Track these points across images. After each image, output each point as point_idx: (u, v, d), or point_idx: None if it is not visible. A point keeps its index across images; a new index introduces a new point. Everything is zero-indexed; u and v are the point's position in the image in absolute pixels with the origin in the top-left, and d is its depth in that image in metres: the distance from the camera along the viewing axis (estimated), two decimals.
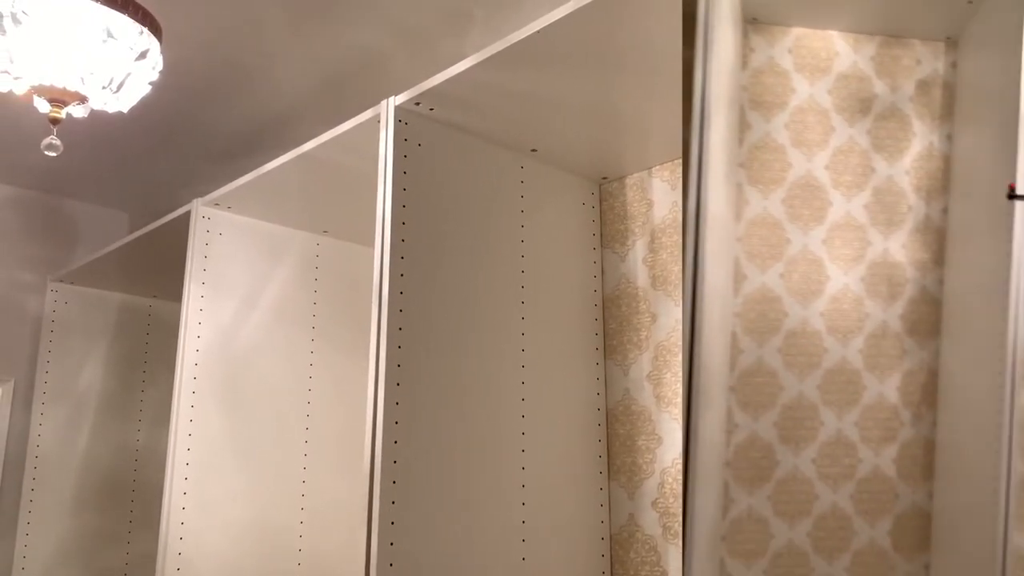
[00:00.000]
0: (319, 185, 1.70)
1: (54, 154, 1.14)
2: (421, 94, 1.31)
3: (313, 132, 1.67)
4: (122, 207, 2.70)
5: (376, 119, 1.39)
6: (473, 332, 1.37)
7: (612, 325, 1.57)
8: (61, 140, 1.97)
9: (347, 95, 1.93)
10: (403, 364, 1.27)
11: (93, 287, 2.49)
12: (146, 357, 2.56)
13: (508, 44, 1.18)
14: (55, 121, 1.12)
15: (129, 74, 1.13)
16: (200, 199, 1.80)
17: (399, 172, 1.33)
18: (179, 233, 1.96)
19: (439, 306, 1.33)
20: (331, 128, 1.51)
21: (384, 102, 1.36)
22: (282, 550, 1.78)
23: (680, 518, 1.39)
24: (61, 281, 2.43)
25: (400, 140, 1.34)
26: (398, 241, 1.30)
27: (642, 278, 1.54)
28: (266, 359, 1.84)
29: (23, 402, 2.37)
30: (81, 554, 2.36)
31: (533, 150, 1.49)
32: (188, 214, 1.83)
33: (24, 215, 2.50)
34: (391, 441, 1.23)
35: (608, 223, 1.62)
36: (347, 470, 1.92)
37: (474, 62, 1.22)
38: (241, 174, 1.68)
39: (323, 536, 1.85)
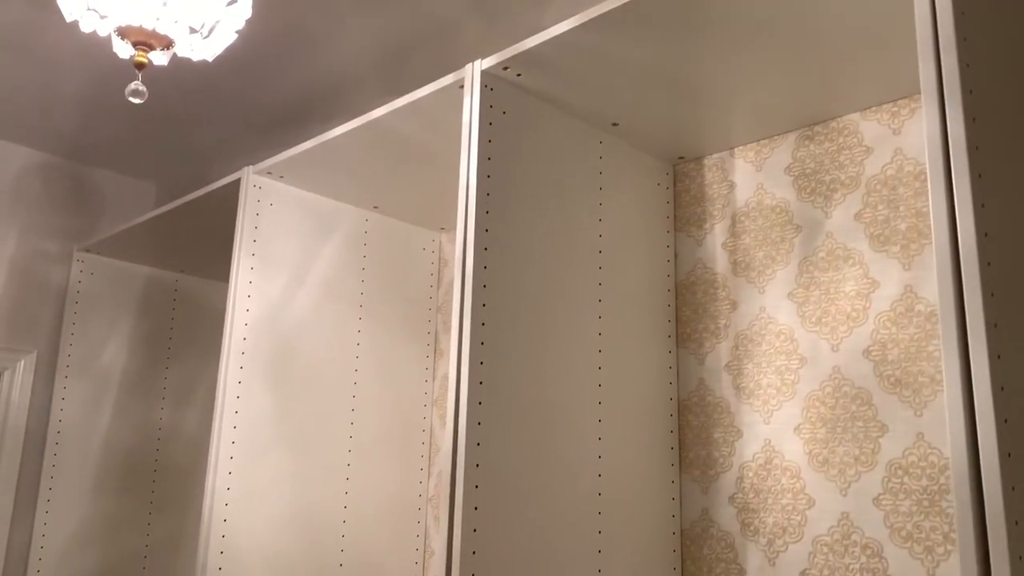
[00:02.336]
0: (378, 157, 1.62)
1: (139, 100, 1.06)
2: (511, 58, 1.24)
3: (368, 104, 1.60)
4: (150, 178, 2.62)
5: (458, 84, 1.32)
6: (553, 312, 1.30)
7: (686, 312, 1.51)
8: (96, 107, 1.89)
9: (410, 66, 1.85)
10: (487, 342, 1.20)
11: (120, 259, 2.40)
12: (171, 334, 2.48)
13: (613, 5, 1.11)
14: (140, 66, 1.04)
15: (219, 21, 1.05)
16: (251, 167, 1.73)
17: (484, 141, 1.25)
18: (221, 204, 1.88)
19: (521, 284, 1.26)
20: (388, 101, 1.44)
21: (469, 66, 1.29)
22: (325, 539, 1.71)
23: (760, 513, 1.33)
24: (87, 251, 2.35)
25: (486, 107, 1.27)
26: (483, 214, 1.23)
27: (721, 263, 1.47)
28: (313, 338, 1.76)
29: (45, 375, 2.29)
30: (100, 537, 2.28)
31: (614, 124, 1.42)
32: (237, 183, 1.76)
33: (50, 183, 2.41)
34: (475, 423, 1.16)
35: (683, 205, 1.55)
36: (392, 457, 1.85)
37: (575, 23, 1.15)
38: (283, 146, 1.61)
39: (367, 525, 1.78)
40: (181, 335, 2.50)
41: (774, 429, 1.34)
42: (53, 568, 2.18)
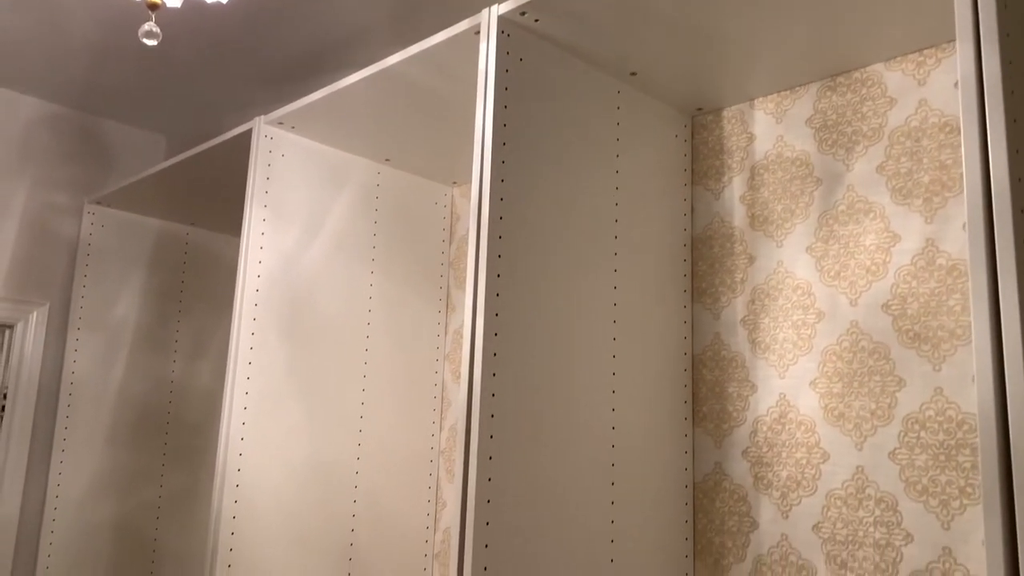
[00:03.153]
0: (390, 107, 1.60)
1: (153, 43, 1.04)
2: (528, 3, 1.21)
3: (381, 54, 1.57)
4: (160, 130, 2.60)
5: (474, 30, 1.29)
6: (568, 265, 1.29)
7: (702, 267, 1.49)
8: (106, 56, 1.86)
9: (425, 13, 1.82)
10: (502, 294, 1.19)
11: (130, 211, 2.39)
12: (182, 287, 2.48)
13: None
14: (153, 7, 1.02)
15: None
16: (263, 117, 1.71)
17: (500, 88, 1.23)
18: (232, 155, 1.87)
19: (537, 236, 1.25)
20: (399, 50, 1.42)
21: (486, 11, 1.26)
22: (339, 490, 1.72)
23: (773, 467, 1.33)
24: (98, 203, 2.34)
25: (502, 53, 1.24)
26: (499, 163, 1.21)
27: (739, 217, 1.46)
28: (326, 291, 1.76)
29: (58, 328, 2.29)
30: (115, 488, 2.30)
31: (632, 73, 1.39)
32: (248, 134, 1.74)
33: (60, 134, 2.39)
34: (489, 373, 1.16)
35: (700, 158, 1.53)
36: (404, 410, 1.86)
37: None
38: (294, 98, 1.58)
39: (380, 477, 1.79)
40: (192, 289, 2.50)
41: (789, 383, 1.34)
42: (69, 518, 2.21)
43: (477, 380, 1.15)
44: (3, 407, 2.20)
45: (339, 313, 1.77)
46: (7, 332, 2.25)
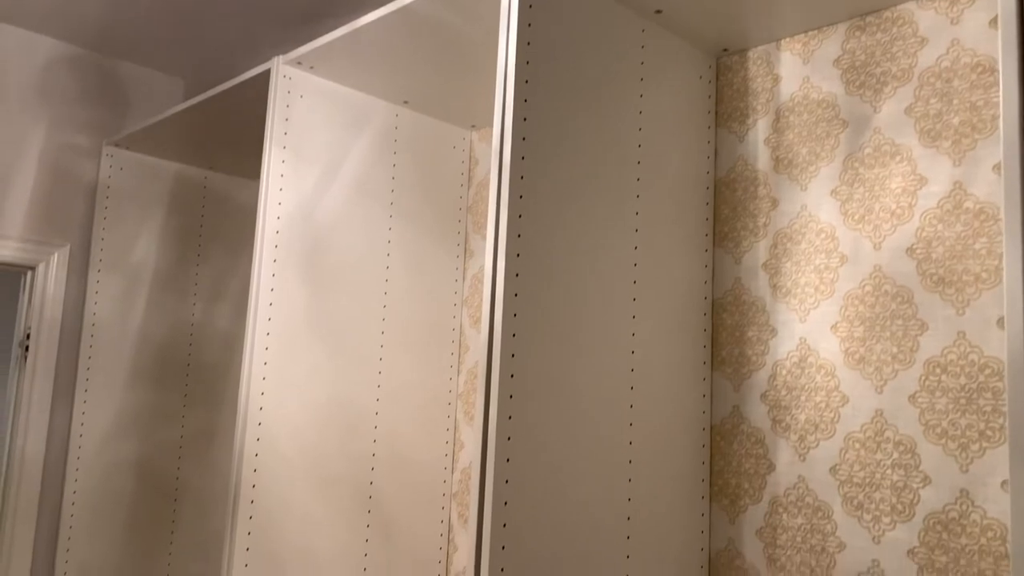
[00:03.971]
0: (410, 47, 1.58)
1: None
2: None
3: None
4: (179, 73, 2.58)
5: None
6: (590, 205, 1.28)
7: (724, 211, 1.48)
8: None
9: None
10: (523, 234, 1.19)
11: (149, 154, 2.39)
12: (201, 231, 2.49)
13: None
14: None
15: None
16: (281, 56, 1.69)
17: (523, 25, 1.21)
18: (251, 97, 1.86)
19: (559, 177, 1.24)
20: None
21: None
22: (359, 431, 1.74)
23: (792, 410, 1.33)
24: (116, 146, 2.34)
25: None
26: (520, 103, 1.20)
27: (763, 160, 1.44)
28: (345, 234, 1.76)
29: (79, 270, 2.31)
30: (137, 428, 2.34)
31: (658, 11, 1.37)
32: (267, 74, 1.72)
33: (78, 75, 2.38)
34: (511, 314, 1.16)
35: (725, 100, 1.51)
36: (422, 353, 1.87)
37: None
38: (312, 39, 1.56)
39: (399, 418, 1.81)
40: (210, 233, 2.51)
41: (810, 328, 1.33)
42: (92, 456, 2.25)
43: (498, 320, 1.16)
44: (27, 347, 2.23)
45: (358, 256, 1.78)
46: (29, 273, 2.27)
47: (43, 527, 2.20)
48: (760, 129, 1.45)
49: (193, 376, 2.45)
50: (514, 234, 1.18)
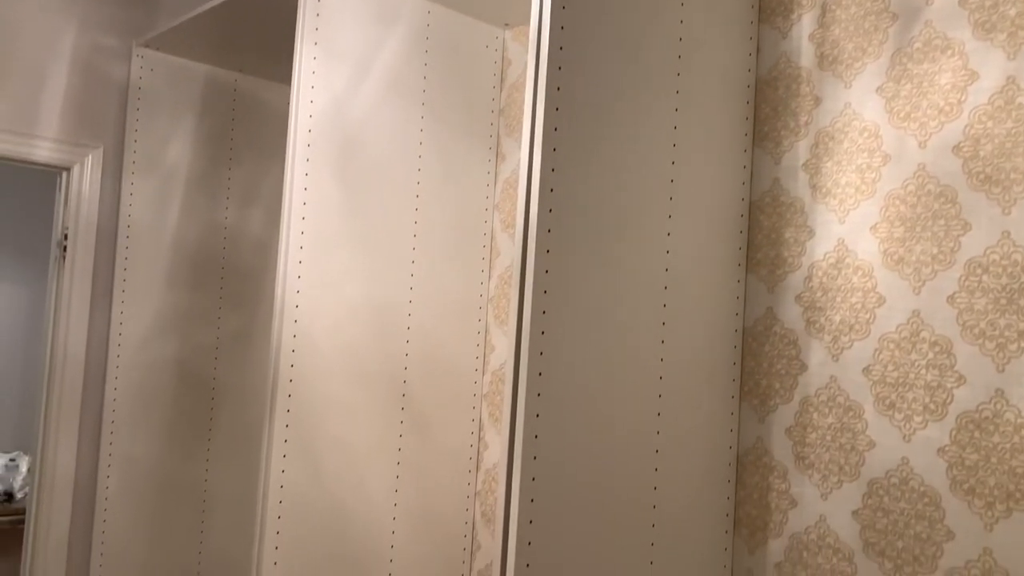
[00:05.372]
0: None
1: None
2: None
3: None
4: None
5: None
6: (628, 104, 1.26)
7: (765, 110, 1.45)
8: None
9: None
10: (560, 128, 1.17)
11: (179, 55, 2.37)
12: (232, 135, 2.48)
13: None
14: None
15: None
16: None
17: None
18: None
19: (596, 78, 1.21)
20: None
21: None
22: (392, 331, 1.76)
23: (826, 311, 1.33)
24: (147, 47, 2.32)
25: None
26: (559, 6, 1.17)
27: (807, 57, 1.40)
28: (377, 135, 1.74)
29: (113, 171, 2.32)
30: (175, 328, 2.38)
31: None
32: None
33: None
34: (546, 209, 1.16)
35: None
36: (454, 256, 1.88)
37: None
38: None
39: (431, 320, 1.83)
40: (242, 137, 2.50)
41: (849, 228, 1.32)
42: (132, 354, 2.31)
43: (533, 214, 1.15)
44: (65, 248, 2.26)
45: (390, 157, 1.77)
46: (64, 175, 2.29)
47: (87, 423, 2.28)
48: (805, 24, 1.40)
49: (228, 279, 2.48)
50: (551, 127, 1.16)
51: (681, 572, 1.33)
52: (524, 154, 1.17)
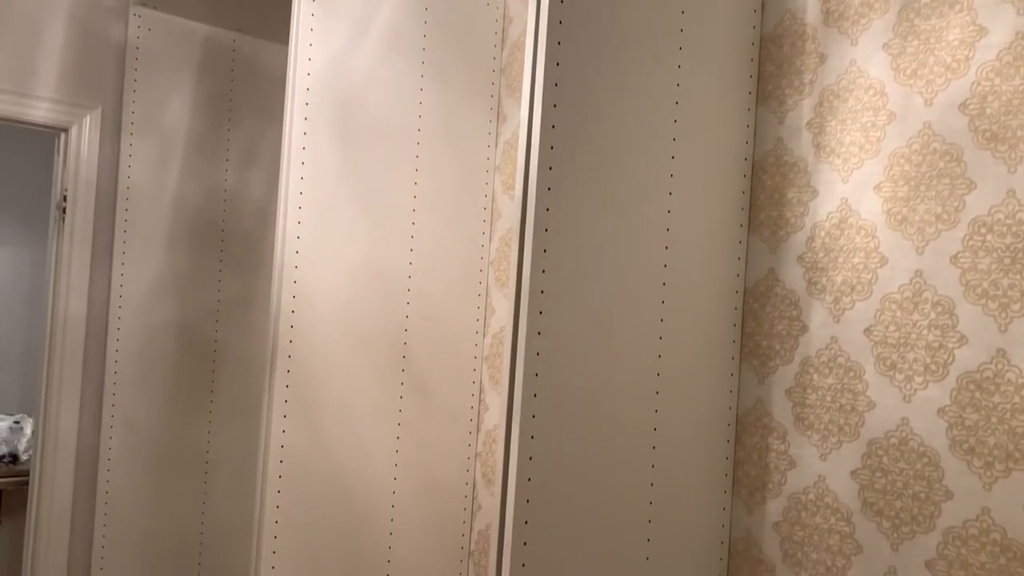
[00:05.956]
0: None
1: None
2: None
3: None
4: None
5: None
6: (630, 63, 1.24)
7: (769, 67, 1.43)
8: None
9: None
10: (560, 83, 1.15)
11: (177, 15, 2.34)
12: (231, 96, 2.46)
13: None
14: None
15: None
16: None
17: None
18: None
19: (599, 37, 1.19)
20: None
21: None
22: (392, 289, 1.76)
23: (828, 272, 1.32)
24: (144, 5, 2.29)
25: None
26: None
27: (812, 13, 1.37)
28: (376, 94, 1.73)
29: (112, 133, 2.31)
30: (176, 291, 2.38)
31: None
32: None
33: None
34: (546, 167, 1.14)
35: None
36: (454, 217, 1.86)
37: None
38: None
39: (431, 281, 1.82)
40: (241, 98, 2.48)
41: (853, 188, 1.30)
42: (133, 317, 2.31)
43: (533, 172, 1.14)
44: (64, 209, 2.25)
45: (389, 117, 1.75)
46: (63, 135, 2.27)
47: (88, 385, 2.28)
48: None
49: (228, 242, 2.48)
50: (551, 83, 1.15)
51: (679, 531, 1.33)
52: (524, 110, 1.16)
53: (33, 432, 2.55)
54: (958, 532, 1.15)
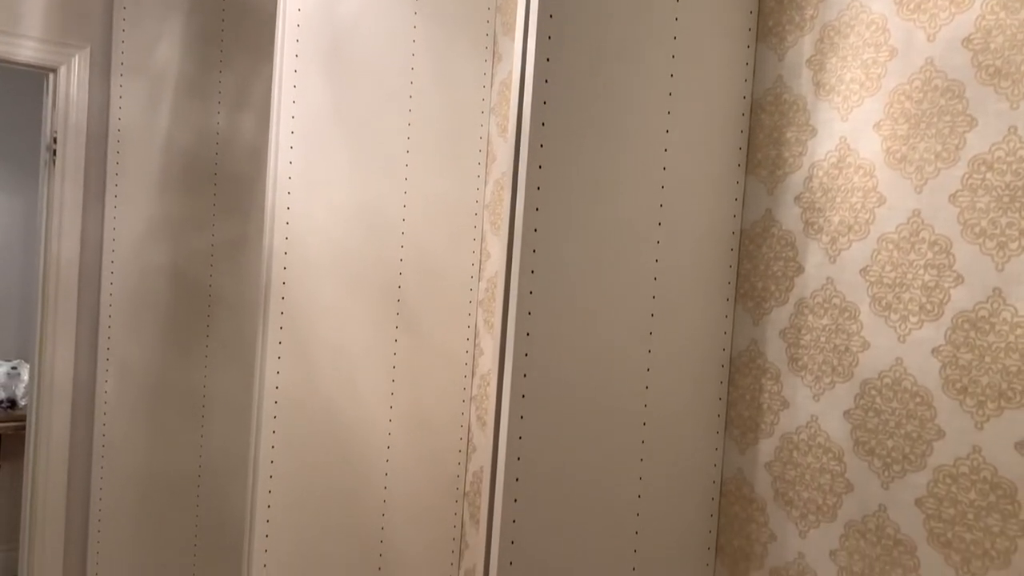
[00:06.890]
0: None
1: None
2: None
3: None
4: None
5: None
6: (626, 9, 1.21)
7: (770, 3, 1.39)
8: None
9: None
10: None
11: None
12: (222, 35, 2.41)
13: None
14: None
15: None
16: None
17: None
18: None
19: None
20: None
21: None
22: (386, 231, 1.74)
23: (825, 212, 1.30)
24: None
25: None
26: None
27: None
28: (368, 31, 1.69)
29: (101, 73, 2.27)
30: (169, 234, 2.37)
31: None
32: None
33: None
34: (540, 101, 1.12)
35: None
36: (449, 160, 1.84)
37: None
38: None
39: (425, 224, 1.81)
40: (232, 38, 2.44)
41: (852, 126, 1.28)
42: (126, 259, 2.29)
43: (527, 107, 1.12)
44: (54, 151, 2.22)
45: (381, 56, 1.72)
46: (51, 76, 2.23)
47: (83, 328, 2.28)
48: None
49: (221, 185, 2.45)
50: (546, 15, 1.12)
51: (672, 471, 1.34)
52: (518, 42, 1.13)
53: (30, 376, 2.55)
54: (949, 470, 1.15)
